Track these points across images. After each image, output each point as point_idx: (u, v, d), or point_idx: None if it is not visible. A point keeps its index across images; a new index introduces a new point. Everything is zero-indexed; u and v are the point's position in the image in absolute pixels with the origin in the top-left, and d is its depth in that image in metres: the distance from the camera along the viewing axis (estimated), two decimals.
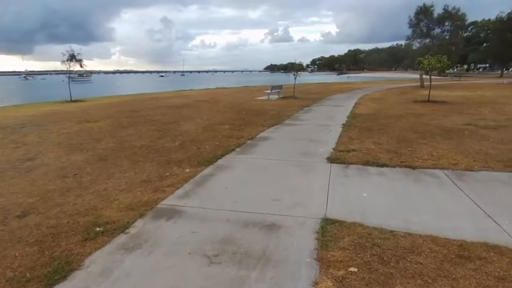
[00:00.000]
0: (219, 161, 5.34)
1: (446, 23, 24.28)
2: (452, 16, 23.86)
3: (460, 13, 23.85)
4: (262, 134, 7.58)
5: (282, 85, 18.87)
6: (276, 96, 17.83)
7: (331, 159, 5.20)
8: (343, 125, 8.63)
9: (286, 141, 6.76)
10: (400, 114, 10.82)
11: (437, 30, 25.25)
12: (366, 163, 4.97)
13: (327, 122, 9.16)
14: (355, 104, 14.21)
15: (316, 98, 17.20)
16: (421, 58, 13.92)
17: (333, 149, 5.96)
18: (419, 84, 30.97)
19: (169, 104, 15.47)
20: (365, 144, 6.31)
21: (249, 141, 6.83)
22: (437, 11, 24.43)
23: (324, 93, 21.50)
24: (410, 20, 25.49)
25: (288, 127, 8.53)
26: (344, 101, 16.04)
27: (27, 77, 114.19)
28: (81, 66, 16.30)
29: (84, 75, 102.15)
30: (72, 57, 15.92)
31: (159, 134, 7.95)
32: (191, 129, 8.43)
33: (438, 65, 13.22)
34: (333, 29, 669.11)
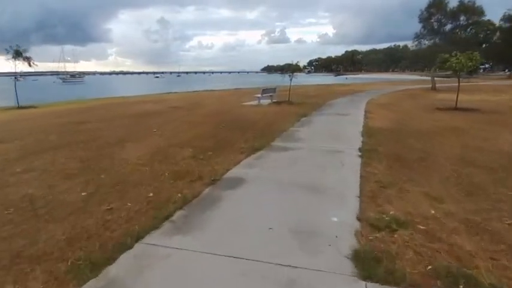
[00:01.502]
0: (117, 264, 2.47)
1: (462, 18, 21.60)
2: (468, 10, 21.15)
3: (476, 6, 21.15)
4: (234, 171, 4.73)
5: (275, 88, 16.04)
6: (269, 101, 15.02)
7: (362, 262, 2.33)
8: (359, 150, 5.79)
9: (270, 191, 3.89)
10: (430, 128, 8.03)
11: (448, 26, 22.56)
12: (450, 286, 2.12)
13: (335, 144, 6.33)
14: (365, 112, 11.40)
15: (316, 104, 14.41)
16: (447, 55, 11.16)
17: (358, 217, 3.11)
18: (426, 86, 28.48)
19: (136, 111, 12.60)
20: (412, 201, 3.48)
21: (206, 190, 3.97)
22: (450, 5, 21.82)
23: (324, 96, 18.73)
24: (421, 14, 22.74)
25: (277, 154, 5.69)
26: (349, 107, 13.25)
27: (18, 78, 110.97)
28: (30, 65, 13.40)
29: (77, 76, 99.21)
30: (17, 54, 12.94)
31: (76, 167, 5.09)
32: (132, 158, 5.57)
33: (470, 63, 10.47)
34: (330, 30, 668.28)
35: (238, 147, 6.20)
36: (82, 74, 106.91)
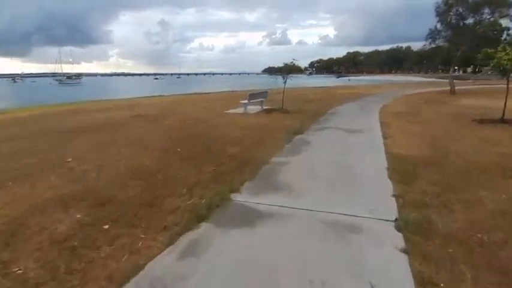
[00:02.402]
0: None
1: (486, 10, 18.69)
2: (493, 1, 18.22)
3: None
4: None
5: (266, 91, 13.21)
6: (259, 108, 12.22)
7: None
8: (396, 225, 2.96)
9: None
10: (494, 159, 5.17)
11: (469, 21, 19.64)
12: None
13: (347, 204, 3.48)
14: (381, 124, 8.58)
15: (316, 112, 11.56)
16: (492, 51, 8.33)
17: None
18: (438, 89, 25.76)
19: (87, 122, 9.81)
20: None
21: None
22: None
23: (326, 101, 15.90)
24: (438, 7, 19.84)
25: (234, 242, 2.85)
26: (359, 117, 10.42)
27: (16, 80, 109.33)
28: None
29: (74, 77, 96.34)
30: None
31: None
32: None
33: None
34: (331, 32, 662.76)
35: (170, 208, 3.40)
36: (79, 75, 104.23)
